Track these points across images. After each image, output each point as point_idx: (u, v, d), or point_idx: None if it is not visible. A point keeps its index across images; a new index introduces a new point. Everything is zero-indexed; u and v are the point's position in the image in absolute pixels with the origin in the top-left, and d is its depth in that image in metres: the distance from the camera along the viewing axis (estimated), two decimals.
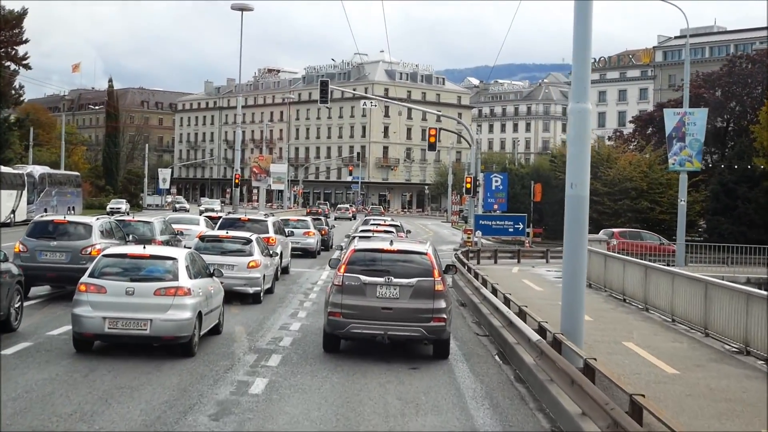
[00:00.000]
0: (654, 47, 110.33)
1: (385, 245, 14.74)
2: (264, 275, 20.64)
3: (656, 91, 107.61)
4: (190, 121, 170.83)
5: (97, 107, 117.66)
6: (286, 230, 32.43)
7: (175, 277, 13.52)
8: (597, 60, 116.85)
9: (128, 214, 76.74)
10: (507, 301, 16.76)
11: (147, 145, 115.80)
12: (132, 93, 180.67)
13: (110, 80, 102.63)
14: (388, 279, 13.89)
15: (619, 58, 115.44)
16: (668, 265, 27.59)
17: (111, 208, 76.75)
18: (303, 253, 34.59)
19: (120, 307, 13.07)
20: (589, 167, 13.32)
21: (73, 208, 62.47)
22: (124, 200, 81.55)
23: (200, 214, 43.54)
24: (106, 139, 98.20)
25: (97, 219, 20.54)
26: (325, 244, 40.23)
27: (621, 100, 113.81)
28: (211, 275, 15.26)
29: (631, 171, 48.22)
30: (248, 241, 20.84)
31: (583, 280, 13.85)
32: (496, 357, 15.24)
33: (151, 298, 13.18)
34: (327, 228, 41.92)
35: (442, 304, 13.94)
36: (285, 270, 27.70)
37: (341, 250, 28.21)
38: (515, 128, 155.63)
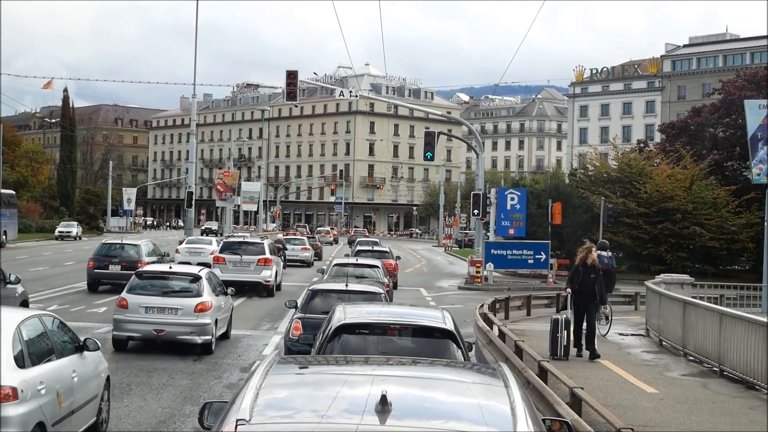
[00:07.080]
0: (662, 56, 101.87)
1: None
2: None
3: (664, 104, 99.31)
4: (165, 139, 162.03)
5: (52, 120, 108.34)
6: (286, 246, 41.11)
7: None
8: (599, 71, 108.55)
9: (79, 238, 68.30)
10: None
11: (111, 162, 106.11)
12: (105, 110, 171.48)
13: (65, 90, 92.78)
14: None
15: (624, 69, 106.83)
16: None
17: (60, 232, 68.10)
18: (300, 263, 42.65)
19: None
20: None
21: (5, 232, 53.22)
22: (76, 223, 72.21)
23: None
24: (61, 155, 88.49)
25: None
26: (319, 256, 50.11)
27: (626, 114, 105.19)
28: None
29: (672, 187, 39.25)
30: None
31: None
32: None
33: None
34: (320, 244, 55.62)
35: None
36: (225, 335, 17.94)
37: (323, 273, 21.73)
38: (507, 146, 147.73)
